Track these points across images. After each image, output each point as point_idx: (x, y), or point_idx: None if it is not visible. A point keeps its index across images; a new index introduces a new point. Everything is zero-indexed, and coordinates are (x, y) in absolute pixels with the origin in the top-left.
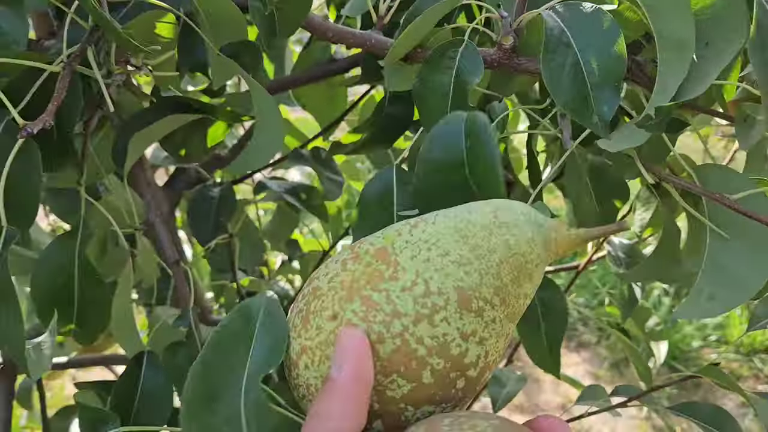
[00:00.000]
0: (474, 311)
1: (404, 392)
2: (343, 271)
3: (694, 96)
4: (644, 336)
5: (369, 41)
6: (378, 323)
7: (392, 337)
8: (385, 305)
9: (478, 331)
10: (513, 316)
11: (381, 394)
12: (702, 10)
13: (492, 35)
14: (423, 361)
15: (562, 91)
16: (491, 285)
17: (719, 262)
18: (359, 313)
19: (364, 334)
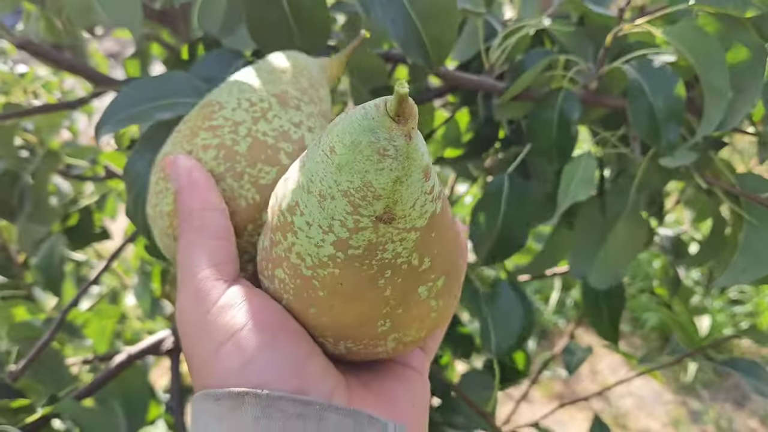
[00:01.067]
0: (293, 107)
1: (273, 176)
2: (177, 133)
3: (730, 128)
4: (688, 311)
5: (483, 84)
6: (228, 135)
7: (243, 137)
8: (225, 123)
9: (304, 121)
10: (326, 114)
11: (257, 184)
12: (737, 63)
13: (579, 80)
14: (275, 147)
15: (641, 124)
16: (297, 88)
17: (752, 244)
18: (207, 138)
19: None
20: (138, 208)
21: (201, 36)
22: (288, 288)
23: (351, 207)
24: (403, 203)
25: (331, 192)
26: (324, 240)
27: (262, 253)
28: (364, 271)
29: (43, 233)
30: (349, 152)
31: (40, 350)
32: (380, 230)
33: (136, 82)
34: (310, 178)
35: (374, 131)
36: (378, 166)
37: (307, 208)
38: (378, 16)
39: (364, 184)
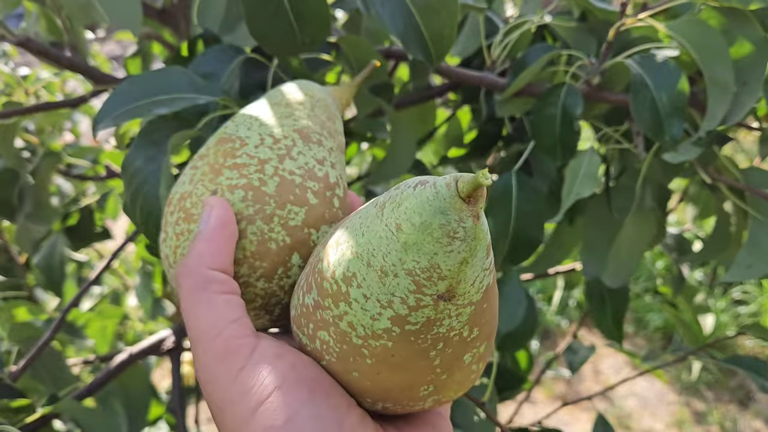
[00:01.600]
0: (315, 142)
1: (302, 218)
2: (194, 170)
3: (735, 122)
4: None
5: (485, 80)
6: (254, 174)
7: (270, 177)
8: (250, 161)
9: (327, 158)
10: (342, 147)
11: (286, 226)
12: (741, 58)
13: (581, 75)
14: (303, 187)
15: (644, 119)
16: (317, 122)
17: (757, 240)
18: (233, 177)
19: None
20: (136, 204)
21: (201, 33)
22: (332, 351)
23: (414, 286)
24: (465, 282)
25: (395, 270)
26: (381, 314)
27: (301, 309)
28: (418, 345)
29: (43, 233)
30: (418, 233)
31: (40, 350)
32: (440, 307)
33: (133, 78)
34: (371, 252)
35: (445, 213)
36: (447, 249)
37: (365, 281)
38: (377, 11)
39: (431, 266)
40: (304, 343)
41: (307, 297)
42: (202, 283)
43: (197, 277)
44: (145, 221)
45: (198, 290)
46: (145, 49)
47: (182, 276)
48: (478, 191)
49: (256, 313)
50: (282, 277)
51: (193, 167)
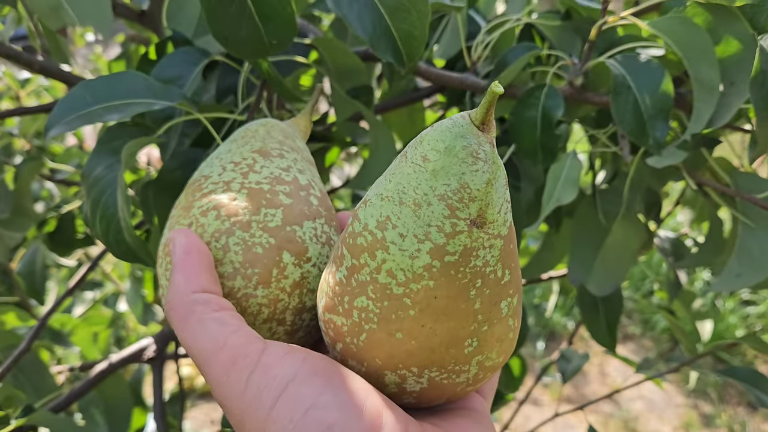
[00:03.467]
0: (276, 156)
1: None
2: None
3: (722, 124)
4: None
5: (465, 81)
6: (222, 194)
7: (238, 191)
8: (216, 186)
9: (292, 166)
10: (310, 161)
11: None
12: (728, 57)
13: (564, 75)
14: (273, 191)
15: (626, 121)
16: (274, 142)
17: (747, 247)
18: (203, 204)
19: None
20: (96, 214)
21: (170, 35)
22: (371, 316)
23: (448, 210)
24: (492, 207)
25: (427, 198)
26: (420, 249)
27: (333, 290)
28: (459, 280)
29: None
30: (444, 157)
31: (18, 357)
32: (474, 234)
33: (88, 82)
34: (401, 191)
35: (465, 136)
36: (473, 168)
37: (400, 219)
38: (344, 12)
39: (461, 186)
40: (338, 325)
41: (339, 272)
42: (189, 309)
43: (182, 306)
44: (105, 232)
45: (186, 317)
46: (129, 52)
47: (169, 311)
48: (490, 118)
49: (268, 327)
50: (279, 279)
51: (170, 218)
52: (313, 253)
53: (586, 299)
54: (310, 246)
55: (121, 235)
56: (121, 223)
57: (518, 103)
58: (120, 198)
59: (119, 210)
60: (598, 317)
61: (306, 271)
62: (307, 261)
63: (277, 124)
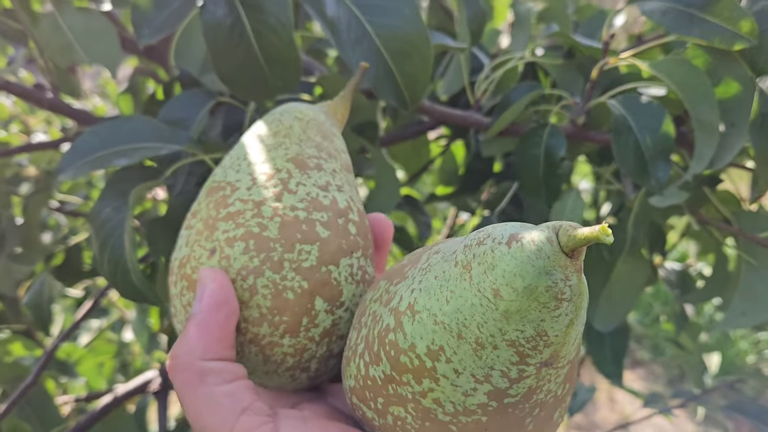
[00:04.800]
0: (314, 167)
1: (315, 255)
2: (189, 230)
3: (723, 165)
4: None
5: (468, 119)
6: (252, 220)
7: (270, 219)
8: (244, 206)
9: (330, 182)
10: (347, 166)
11: (300, 270)
12: (728, 98)
13: (566, 114)
14: (309, 221)
15: (628, 162)
16: (311, 145)
17: (751, 285)
18: (230, 229)
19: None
20: (104, 256)
21: (178, 75)
22: (408, 428)
23: (518, 357)
24: (568, 344)
25: (494, 341)
26: (476, 390)
27: (365, 382)
28: (515, 416)
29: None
30: (521, 299)
31: (26, 390)
32: (542, 374)
33: (96, 128)
34: (462, 322)
35: (551, 273)
36: (554, 314)
37: (456, 355)
38: (348, 55)
39: (538, 334)
40: (369, 417)
41: (374, 369)
42: (198, 377)
43: (191, 372)
44: (112, 273)
45: (194, 386)
46: (137, 86)
47: (173, 370)
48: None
49: (291, 374)
50: (309, 328)
51: (188, 227)
52: (347, 296)
53: (591, 332)
54: (345, 288)
55: (128, 277)
56: (128, 265)
57: (521, 142)
58: (127, 241)
59: (126, 253)
60: (604, 350)
61: (338, 317)
62: (340, 306)
63: (314, 117)
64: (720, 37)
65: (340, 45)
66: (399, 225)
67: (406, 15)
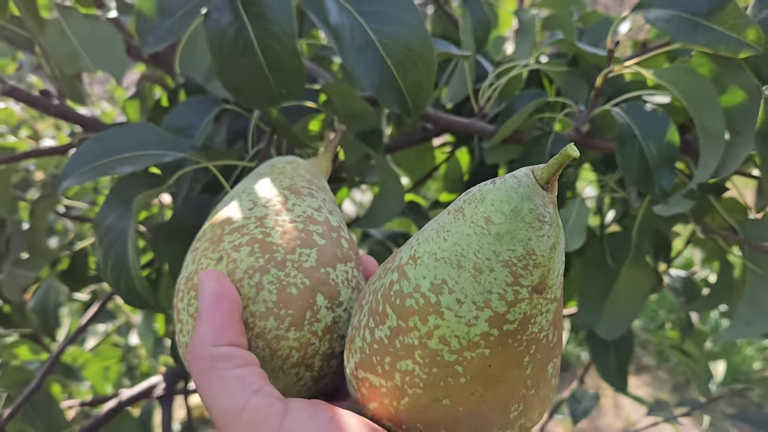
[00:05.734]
0: (307, 195)
1: (315, 257)
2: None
3: (728, 174)
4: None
5: (472, 127)
6: (255, 229)
7: (272, 228)
8: (248, 221)
9: (322, 206)
10: (334, 201)
11: (301, 269)
12: (734, 106)
13: (570, 122)
14: (307, 231)
15: (632, 170)
16: (303, 180)
17: (756, 294)
18: (235, 239)
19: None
20: (108, 263)
21: (183, 82)
22: (416, 381)
23: (512, 277)
24: (553, 272)
25: (490, 264)
26: (478, 317)
27: (371, 348)
28: (515, 348)
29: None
30: (510, 221)
31: (31, 394)
32: (534, 301)
33: (101, 135)
34: (460, 253)
35: (531, 198)
36: (539, 233)
37: (458, 284)
38: (351, 64)
39: (527, 252)
40: (376, 386)
41: (379, 330)
42: (211, 364)
43: (204, 360)
44: (116, 280)
45: (208, 373)
46: (144, 92)
47: (191, 362)
48: (555, 178)
49: (296, 371)
50: (312, 322)
51: (194, 250)
52: (344, 297)
53: (596, 340)
54: (343, 290)
55: (132, 284)
56: (131, 272)
57: (525, 149)
58: (130, 248)
59: (129, 260)
60: (608, 358)
61: (338, 315)
62: (339, 305)
63: (302, 162)
64: (725, 45)
65: (344, 53)
66: (403, 231)
67: (409, 23)
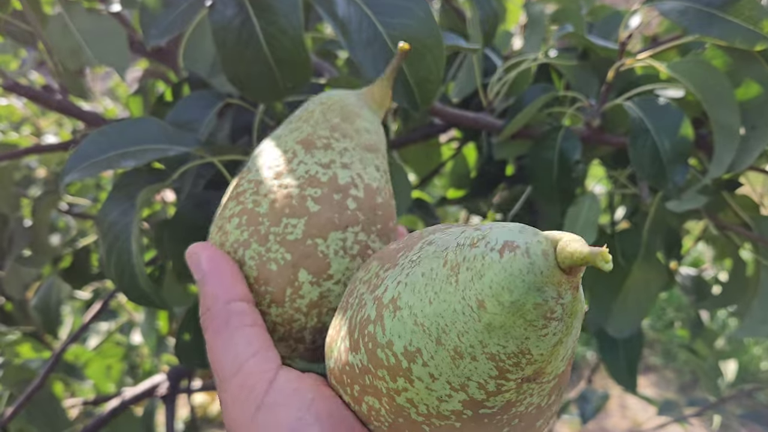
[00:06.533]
0: (322, 147)
1: (302, 229)
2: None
3: (743, 169)
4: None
5: (481, 121)
6: (249, 197)
7: (264, 196)
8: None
9: (336, 160)
10: (367, 145)
11: (284, 242)
12: (749, 100)
13: (580, 117)
14: (301, 197)
15: (645, 165)
16: (326, 127)
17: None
18: (232, 207)
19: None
20: (111, 259)
21: (186, 76)
22: (383, 419)
23: (497, 372)
24: (555, 361)
25: (473, 352)
26: (451, 396)
27: (343, 367)
28: (492, 425)
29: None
30: (507, 314)
31: (33, 392)
32: (522, 389)
33: (103, 129)
34: (442, 328)
35: (542, 290)
36: (541, 333)
37: (433, 360)
38: (359, 57)
39: (521, 351)
40: (345, 401)
41: (352, 356)
42: (225, 319)
43: (219, 316)
44: (119, 276)
45: (221, 329)
46: (147, 88)
47: (206, 322)
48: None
49: (286, 344)
50: (294, 299)
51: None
52: (337, 269)
53: (605, 339)
54: (334, 261)
55: (135, 280)
56: (135, 269)
57: (535, 145)
58: (134, 244)
59: (133, 256)
60: (618, 357)
61: (326, 289)
62: (328, 279)
63: (339, 100)
64: (741, 37)
65: (351, 46)
66: (410, 228)
67: (418, 15)
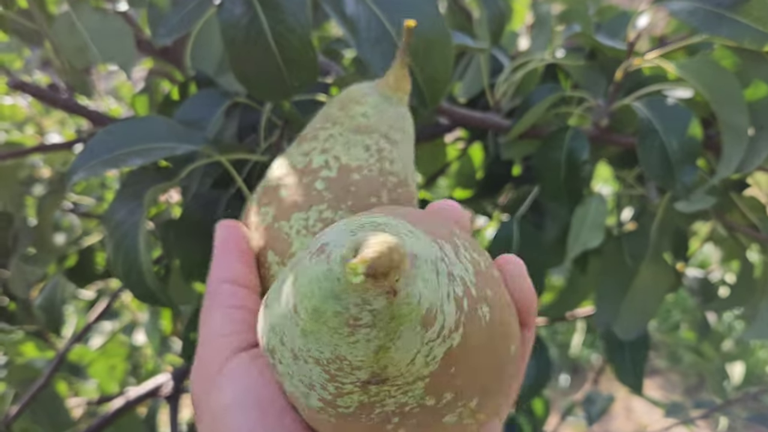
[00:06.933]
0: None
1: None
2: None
3: (751, 169)
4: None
5: (488, 121)
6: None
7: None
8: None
9: (317, 146)
10: (362, 128)
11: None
12: (758, 100)
13: (588, 116)
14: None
15: (653, 166)
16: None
17: None
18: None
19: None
20: (118, 257)
21: (193, 75)
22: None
23: (327, 375)
24: (395, 365)
25: (303, 355)
26: (309, 394)
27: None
28: (364, 423)
29: (39, 275)
30: (312, 321)
31: (37, 392)
32: (372, 391)
33: (111, 128)
34: (282, 331)
35: (339, 298)
36: (350, 340)
37: (285, 359)
38: (367, 55)
39: (337, 357)
40: None
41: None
42: (212, 296)
43: (209, 294)
44: (126, 274)
45: (207, 306)
46: (153, 87)
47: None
48: (386, 261)
49: None
50: (269, 279)
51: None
52: (299, 248)
53: (611, 340)
54: (296, 240)
55: (143, 278)
56: (142, 267)
57: (542, 145)
58: (142, 243)
59: (140, 255)
60: (624, 358)
61: None
62: (291, 257)
63: (348, 91)
64: (750, 37)
65: (359, 44)
66: None
67: (426, 12)
